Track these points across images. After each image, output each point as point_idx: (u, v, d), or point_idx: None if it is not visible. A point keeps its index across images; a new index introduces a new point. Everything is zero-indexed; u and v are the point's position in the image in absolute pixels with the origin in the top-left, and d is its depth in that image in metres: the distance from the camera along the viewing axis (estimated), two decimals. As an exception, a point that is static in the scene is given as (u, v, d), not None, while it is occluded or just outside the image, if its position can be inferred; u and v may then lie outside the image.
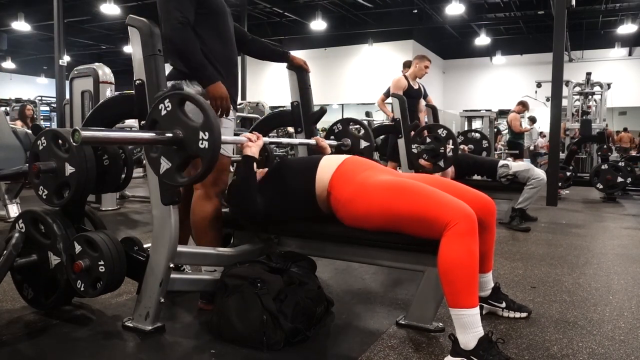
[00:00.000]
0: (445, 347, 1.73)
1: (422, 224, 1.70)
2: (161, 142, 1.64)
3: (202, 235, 2.12)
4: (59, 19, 9.61)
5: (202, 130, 1.59)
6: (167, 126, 1.64)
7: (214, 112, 1.64)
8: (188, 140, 1.61)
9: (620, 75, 16.03)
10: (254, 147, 2.04)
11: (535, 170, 4.25)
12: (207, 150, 1.58)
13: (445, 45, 19.13)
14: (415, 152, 3.82)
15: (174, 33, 1.96)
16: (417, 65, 4.75)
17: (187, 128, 1.61)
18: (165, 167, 1.66)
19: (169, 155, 1.65)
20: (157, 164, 1.68)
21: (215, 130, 1.58)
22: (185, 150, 1.63)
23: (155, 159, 1.68)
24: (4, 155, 3.74)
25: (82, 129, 1.47)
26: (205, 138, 1.58)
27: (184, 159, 1.65)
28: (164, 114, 1.65)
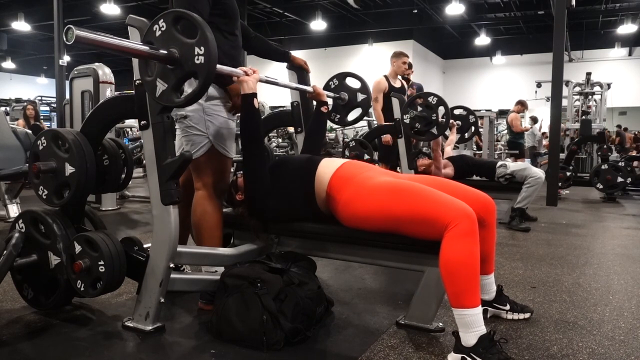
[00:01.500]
0: (446, 347, 1.73)
1: (423, 225, 1.70)
2: (156, 58, 1.62)
3: (203, 235, 2.12)
4: (59, 19, 9.60)
5: (197, 45, 1.57)
6: (162, 46, 1.62)
7: (208, 27, 1.60)
8: (184, 57, 1.59)
9: (620, 75, 16.03)
10: (251, 82, 1.99)
11: (532, 169, 4.25)
12: (204, 65, 1.57)
13: (445, 45, 19.14)
14: (408, 122, 3.80)
15: None
16: (395, 63, 4.74)
17: (182, 45, 1.60)
18: (162, 88, 1.64)
19: (165, 76, 1.64)
20: (153, 86, 1.66)
21: (211, 45, 1.56)
22: (181, 67, 1.61)
23: (150, 82, 1.67)
24: (4, 155, 3.74)
25: (77, 28, 1.44)
26: (201, 53, 1.56)
27: (180, 78, 1.63)
28: (158, 35, 1.63)
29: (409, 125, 3.81)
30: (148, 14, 1.68)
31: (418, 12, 14.85)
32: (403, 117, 3.82)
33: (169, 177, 1.77)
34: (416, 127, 3.81)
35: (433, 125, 3.80)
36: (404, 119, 3.81)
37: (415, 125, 3.81)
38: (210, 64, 1.56)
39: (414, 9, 14.57)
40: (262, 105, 9.26)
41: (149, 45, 1.63)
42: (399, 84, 4.77)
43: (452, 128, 5.01)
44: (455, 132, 5.14)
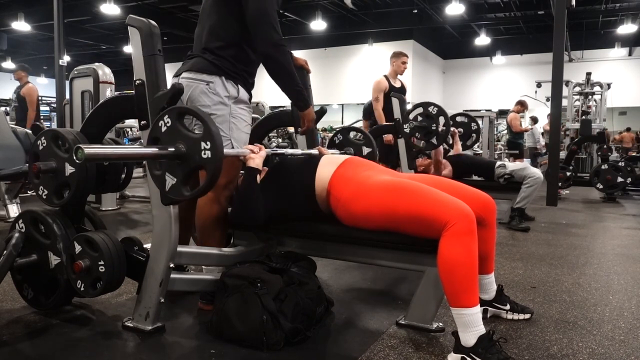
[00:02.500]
0: (446, 347, 1.73)
1: (421, 224, 1.70)
2: (164, 157, 1.65)
3: (208, 237, 2.10)
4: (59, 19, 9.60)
5: (203, 140, 1.59)
6: (168, 142, 1.65)
7: (212, 121, 1.65)
8: (190, 152, 1.62)
9: (620, 75, 16.03)
10: (257, 159, 2.01)
11: (531, 169, 4.26)
12: (211, 160, 1.59)
13: (445, 45, 19.13)
14: (408, 132, 3.81)
15: (279, 53, 2.00)
16: (394, 63, 4.76)
17: (188, 140, 1.62)
18: (171, 182, 1.67)
19: (173, 170, 1.66)
20: (162, 180, 1.68)
21: (217, 139, 1.58)
22: (188, 163, 1.63)
23: (159, 176, 1.69)
24: (4, 155, 3.74)
25: (85, 146, 1.45)
26: (207, 148, 1.59)
27: (188, 172, 1.65)
28: (164, 130, 1.66)
29: (409, 135, 3.81)
30: (148, 14, 1.68)
31: (418, 12, 14.84)
32: (403, 127, 3.83)
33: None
34: (416, 137, 3.82)
35: (433, 135, 3.80)
36: (404, 128, 3.82)
37: (415, 135, 3.81)
38: (217, 158, 1.59)
39: (414, 9, 14.56)
40: (262, 105, 9.26)
41: (157, 147, 1.65)
42: (399, 84, 4.79)
43: (455, 136, 4.96)
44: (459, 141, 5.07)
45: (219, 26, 2.06)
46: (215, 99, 2.02)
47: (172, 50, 13.27)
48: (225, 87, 2.04)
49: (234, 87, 2.07)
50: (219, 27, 2.06)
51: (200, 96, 1.99)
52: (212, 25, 2.06)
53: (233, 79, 2.07)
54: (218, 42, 2.05)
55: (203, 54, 2.05)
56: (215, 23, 2.06)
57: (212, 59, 2.03)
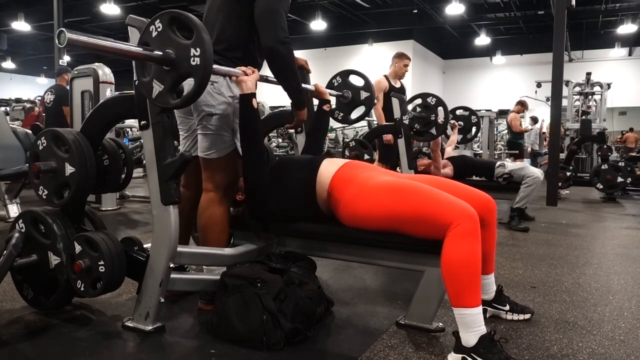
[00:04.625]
0: (446, 347, 1.73)
1: (425, 225, 1.70)
2: (152, 59, 1.62)
3: (209, 237, 2.10)
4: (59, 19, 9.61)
5: (193, 47, 1.56)
6: (158, 47, 1.62)
7: (204, 28, 1.60)
8: (179, 58, 1.58)
9: (620, 75, 16.04)
10: (249, 82, 1.97)
11: (530, 168, 4.26)
12: (199, 67, 1.56)
13: (445, 45, 19.14)
14: (407, 123, 3.80)
15: (285, 50, 1.98)
16: (396, 65, 4.76)
17: (178, 46, 1.59)
18: (158, 89, 1.64)
19: (161, 77, 1.63)
20: (150, 87, 1.65)
21: (207, 46, 1.55)
22: (177, 69, 1.60)
23: (147, 83, 1.66)
24: (4, 155, 3.74)
25: (69, 31, 1.42)
26: (196, 54, 1.56)
27: (176, 79, 1.62)
28: (155, 35, 1.63)
29: (408, 126, 3.81)
30: (148, 14, 1.68)
31: (418, 12, 14.85)
32: (402, 118, 3.83)
33: (169, 177, 1.77)
34: (415, 127, 3.81)
35: (432, 126, 3.80)
36: (403, 119, 3.82)
37: (414, 126, 3.81)
38: (206, 65, 1.56)
39: (414, 9, 14.57)
40: (262, 105, 9.26)
41: (144, 47, 1.62)
42: (399, 84, 4.79)
43: (454, 128, 5.01)
44: (457, 133, 5.15)
45: (226, 28, 2.05)
46: (219, 99, 2.01)
47: (172, 50, 13.23)
48: (230, 88, 2.04)
49: None
50: (226, 29, 2.05)
51: (205, 96, 1.99)
52: (219, 26, 2.05)
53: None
54: (225, 43, 2.04)
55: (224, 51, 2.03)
56: (224, 24, 2.05)
57: (218, 59, 2.03)
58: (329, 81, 3.03)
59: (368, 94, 2.97)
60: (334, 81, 3.02)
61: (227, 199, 2.10)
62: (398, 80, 4.80)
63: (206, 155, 2.04)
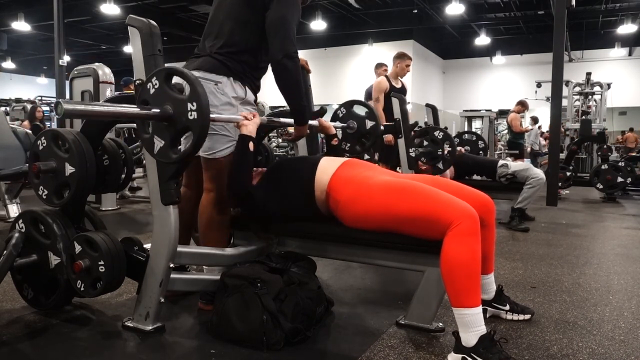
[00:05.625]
0: (446, 347, 1.73)
1: (425, 224, 1.70)
2: (150, 118, 1.64)
3: (210, 237, 2.10)
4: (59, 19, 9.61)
5: (189, 101, 1.59)
6: (157, 103, 1.65)
7: (199, 82, 1.63)
8: (177, 113, 1.61)
9: (620, 75, 16.04)
10: (250, 126, 1.99)
11: (534, 169, 4.25)
12: (197, 121, 1.58)
13: (445, 45, 19.13)
14: (414, 156, 3.81)
15: (292, 64, 1.99)
16: (398, 65, 4.76)
17: (175, 102, 1.62)
18: (159, 145, 1.67)
19: (161, 133, 1.66)
20: (151, 143, 1.68)
21: (203, 100, 1.58)
22: (175, 124, 1.63)
23: (148, 139, 1.69)
24: (4, 155, 3.74)
25: (65, 101, 1.46)
26: (193, 109, 1.58)
27: (175, 134, 1.64)
28: (152, 92, 1.66)
29: (414, 159, 3.79)
30: (148, 14, 1.68)
31: (418, 12, 14.85)
32: (408, 151, 3.80)
33: (169, 177, 1.77)
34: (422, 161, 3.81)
35: (439, 161, 3.79)
36: (409, 152, 3.79)
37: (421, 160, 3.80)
38: (203, 119, 1.59)
39: (414, 9, 14.57)
40: (262, 105, 9.26)
41: (141, 107, 1.65)
42: (400, 84, 4.80)
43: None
44: None
45: (235, 31, 2.04)
46: (223, 99, 2.01)
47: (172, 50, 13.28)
48: (234, 88, 2.04)
49: (242, 88, 2.08)
50: (235, 32, 2.04)
51: (209, 96, 1.99)
52: (229, 29, 2.05)
53: (241, 80, 2.07)
54: (233, 47, 2.04)
55: (213, 55, 2.04)
56: (233, 28, 2.05)
57: (223, 60, 2.03)
58: (334, 112, 3.07)
59: (373, 123, 2.97)
60: (338, 112, 3.05)
61: (227, 199, 2.10)
62: (399, 80, 4.81)
63: (208, 155, 2.04)
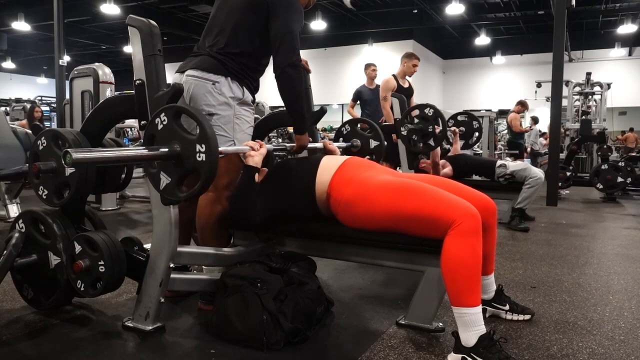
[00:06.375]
0: (446, 347, 1.73)
1: (426, 224, 1.70)
2: (158, 158, 1.64)
3: (209, 237, 2.10)
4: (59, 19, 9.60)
5: (198, 143, 1.58)
6: (164, 140, 1.64)
7: (209, 123, 1.64)
8: (185, 153, 1.61)
9: (620, 75, 16.02)
10: (257, 157, 2.00)
11: (532, 169, 4.25)
12: (205, 163, 1.58)
13: (445, 45, 19.12)
14: (405, 134, 3.80)
15: (295, 73, 2.01)
16: (405, 64, 4.78)
17: (183, 141, 1.62)
18: (165, 182, 1.67)
19: (168, 170, 1.66)
20: (157, 179, 1.68)
21: (212, 142, 1.58)
22: (183, 164, 1.62)
23: (154, 175, 1.69)
24: (4, 155, 3.74)
25: (74, 150, 1.42)
26: (202, 151, 1.58)
27: (182, 173, 1.64)
28: (160, 128, 1.66)
29: (406, 138, 3.80)
30: (148, 14, 1.68)
31: (418, 12, 14.83)
32: (400, 130, 3.83)
33: (169, 177, 1.77)
34: (413, 139, 3.81)
35: (429, 138, 3.79)
36: (401, 131, 3.82)
37: (412, 138, 3.80)
38: (211, 162, 1.58)
39: (414, 9, 14.56)
40: (262, 105, 9.26)
41: (150, 148, 1.64)
42: (407, 84, 4.82)
43: (455, 135, 4.95)
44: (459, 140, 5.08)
45: (238, 34, 2.05)
46: (220, 99, 2.01)
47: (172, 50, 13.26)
48: (231, 88, 2.04)
49: (239, 89, 2.08)
50: (238, 35, 2.05)
51: (206, 96, 1.99)
52: (231, 30, 2.05)
53: (239, 80, 2.07)
54: (233, 48, 2.04)
55: (212, 54, 2.04)
56: (235, 30, 2.05)
57: (222, 59, 2.03)
58: (338, 129, 3.07)
59: (377, 143, 2.98)
60: (342, 129, 3.06)
61: (226, 198, 2.10)
62: (406, 80, 4.83)
63: None
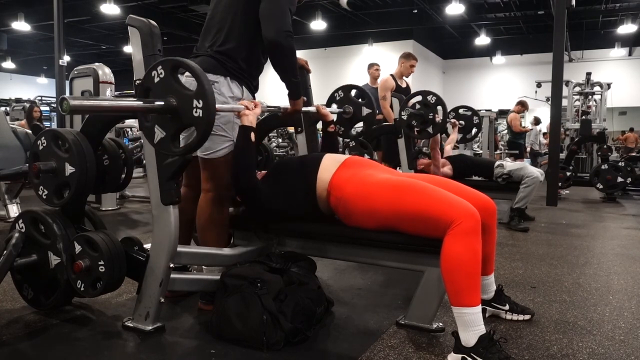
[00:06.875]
0: (446, 347, 1.73)
1: (426, 223, 1.70)
2: (154, 111, 1.61)
3: (209, 237, 2.10)
4: (59, 19, 9.59)
5: (195, 98, 1.56)
6: (160, 94, 1.61)
7: (207, 78, 1.60)
8: (182, 108, 1.58)
9: (620, 75, 16.02)
10: (251, 116, 1.98)
11: (529, 168, 4.26)
12: (202, 119, 1.55)
13: (445, 45, 19.12)
14: (405, 119, 3.80)
15: (287, 43, 1.99)
16: (403, 65, 4.79)
17: (180, 96, 1.59)
18: (160, 136, 1.64)
19: (163, 124, 1.63)
20: (152, 133, 1.65)
21: (210, 98, 1.55)
22: (179, 118, 1.60)
23: (149, 128, 1.66)
24: (4, 155, 3.74)
25: (70, 97, 1.43)
26: (199, 106, 1.55)
27: (178, 128, 1.62)
28: (157, 81, 1.63)
29: (406, 122, 3.80)
30: (148, 14, 1.68)
31: (418, 12, 14.83)
32: (401, 114, 3.82)
33: (169, 177, 1.77)
34: (412, 124, 3.80)
35: (429, 124, 3.79)
36: (402, 115, 3.81)
37: (411, 123, 3.80)
38: (209, 118, 1.56)
39: (414, 9, 14.56)
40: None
41: (147, 100, 1.62)
42: (405, 84, 4.83)
43: (455, 127, 5.01)
44: (457, 132, 5.15)
45: (234, 28, 2.04)
46: (219, 99, 2.01)
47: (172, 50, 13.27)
48: (230, 88, 2.04)
49: (239, 88, 2.07)
50: (233, 29, 2.04)
51: None
52: (228, 26, 2.05)
53: (238, 79, 2.07)
54: (231, 43, 2.04)
55: (211, 54, 2.04)
56: (231, 24, 2.05)
57: (221, 59, 2.03)
58: (331, 94, 3.03)
59: (369, 110, 2.96)
60: (335, 95, 3.02)
61: (226, 198, 2.10)
62: (404, 80, 4.84)
63: (205, 156, 2.04)
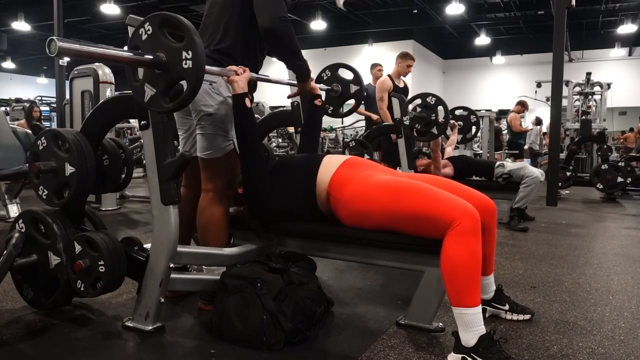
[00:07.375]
0: (446, 347, 1.73)
1: (425, 223, 1.70)
2: (143, 64, 1.60)
3: (209, 237, 2.10)
4: (59, 19, 9.59)
5: (184, 49, 1.54)
6: (149, 50, 1.60)
7: (195, 31, 1.58)
8: (171, 61, 1.57)
9: (620, 75, 16.02)
10: (241, 81, 1.96)
11: (529, 168, 4.27)
12: (192, 70, 1.54)
13: (445, 45, 19.13)
14: (407, 123, 3.80)
15: (283, 28, 1.97)
16: (400, 64, 4.80)
17: (169, 49, 1.57)
18: (150, 93, 1.62)
19: (153, 81, 1.62)
20: (142, 91, 1.64)
21: (199, 49, 1.53)
22: (169, 72, 1.59)
23: (139, 87, 1.65)
24: (4, 155, 3.74)
25: (59, 39, 1.41)
26: (188, 57, 1.54)
27: (168, 83, 1.60)
28: (145, 38, 1.61)
29: (409, 127, 3.81)
30: (148, 14, 1.68)
31: (418, 12, 14.84)
32: (403, 119, 3.83)
33: (169, 177, 1.77)
34: (416, 127, 3.81)
35: (432, 126, 3.80)
36: (404, 120, 3.82)
37: (415, 126, 3.81)
38: (198, 69, 1.55)
39: (414, 9, 14.57)
40: (262, 105, 9.26)
41: (134, 52, 1.61)
42: (402, 84, 4.83)
43: (454, 128, 5.03)
44: (457, 133, 5.16)
45: (230, 25, 2.04)
46: (218, 98, 2.01)
47: (172, 50, 13.20)
48: (228, 88, 2.04)
49: None
50: (230, 26, 2.04)
51: (204, 96, 1.98)
52: (224, 24, 2.05)
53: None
54: (228, 41, 2.04)
55: (209, 54, 2.03)
56: (227, 22, 2.04)
57: (218, 58, 2.03)
58: (318, 75, 2.99)
59: (358, 87, 2.93)
60: (323, 75, 2.98)
61: (226, 198, 2.10)
62: (401, 80, 4.84)
63: (205, 156, 2.04)
